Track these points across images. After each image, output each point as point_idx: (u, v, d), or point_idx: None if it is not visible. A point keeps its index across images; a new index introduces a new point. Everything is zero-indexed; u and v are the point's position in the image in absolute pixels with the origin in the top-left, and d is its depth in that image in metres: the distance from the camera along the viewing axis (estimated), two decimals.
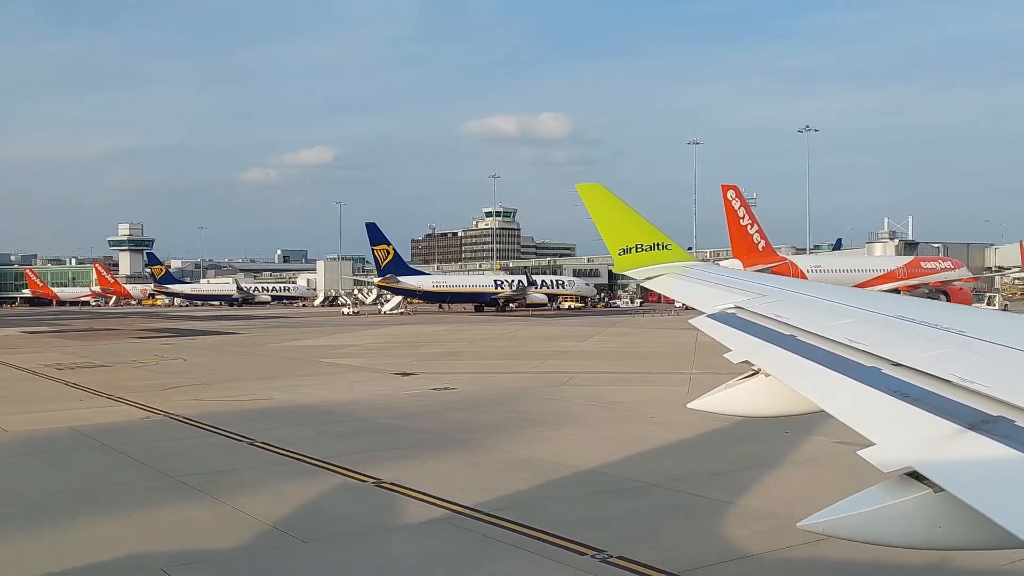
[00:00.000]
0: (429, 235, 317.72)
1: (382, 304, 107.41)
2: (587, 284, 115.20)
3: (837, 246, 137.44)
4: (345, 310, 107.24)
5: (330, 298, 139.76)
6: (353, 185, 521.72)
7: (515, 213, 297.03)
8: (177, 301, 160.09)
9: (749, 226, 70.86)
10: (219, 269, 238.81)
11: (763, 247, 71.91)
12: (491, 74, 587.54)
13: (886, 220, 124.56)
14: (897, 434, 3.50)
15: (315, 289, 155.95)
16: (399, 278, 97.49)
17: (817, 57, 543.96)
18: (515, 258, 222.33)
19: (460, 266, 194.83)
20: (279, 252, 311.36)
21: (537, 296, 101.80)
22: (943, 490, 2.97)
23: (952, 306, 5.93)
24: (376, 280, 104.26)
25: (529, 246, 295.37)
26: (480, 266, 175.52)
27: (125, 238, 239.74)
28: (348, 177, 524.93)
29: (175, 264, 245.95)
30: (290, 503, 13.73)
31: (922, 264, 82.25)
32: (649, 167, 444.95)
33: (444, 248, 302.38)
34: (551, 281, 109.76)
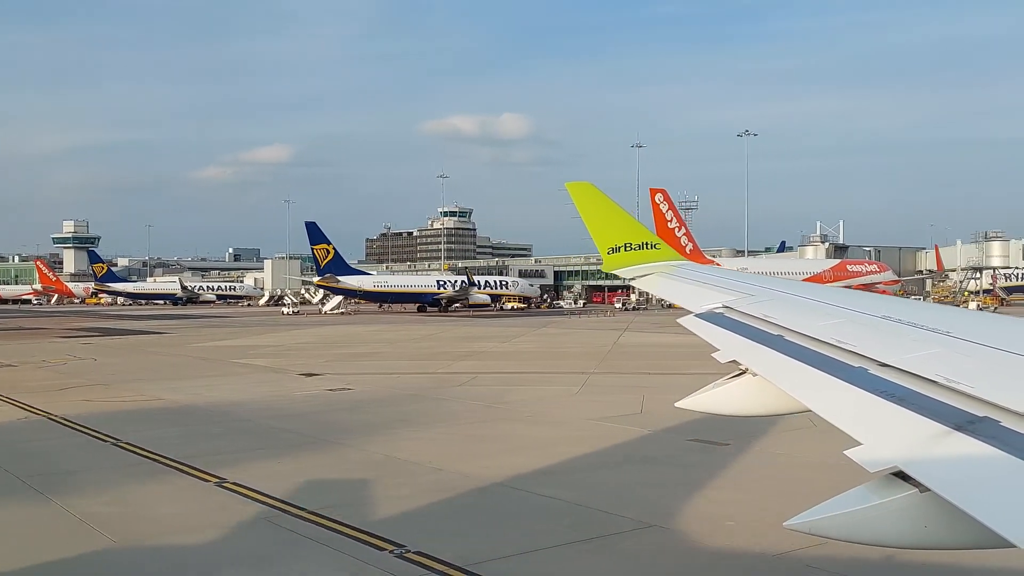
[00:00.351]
0: (384, 235, 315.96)
1: (323, 304, 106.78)
2: (531, 285, 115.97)
3: (781, 248, 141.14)
4: (285, 310, 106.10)
5: (275, 297, 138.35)
6: (311, 183, 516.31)
7: (471, 213, 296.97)
8: (121, 300, 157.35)
9: (677, 228, 74.50)
10: (167, 268, 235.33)
11: (691, 249, 75.30)
12: (451, 73, 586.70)
13: (818, 224, 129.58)
14: (883, 434, 3.52)
15: (263, 288, 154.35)
16: (339, 278, 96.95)
17: (780, 61, 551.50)
18: (470, 258, 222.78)
19: (409, 266, 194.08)
20: (231, 251, 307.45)
21: (480, 297, 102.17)
22: (929, 490, 2.99)
23: (939, 307, 6.08)
24: (315, 280, 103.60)
25: (485, 246, 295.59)
26: (428, 266, 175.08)
27: (70, 235, 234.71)
28: (306, 175, 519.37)
29: (122, 262, 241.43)
30: (122, 503, 13.80)
31: (848, 267, 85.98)
32: (610, 169, 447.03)
33: (399, 248, 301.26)
34: (495, 282, 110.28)
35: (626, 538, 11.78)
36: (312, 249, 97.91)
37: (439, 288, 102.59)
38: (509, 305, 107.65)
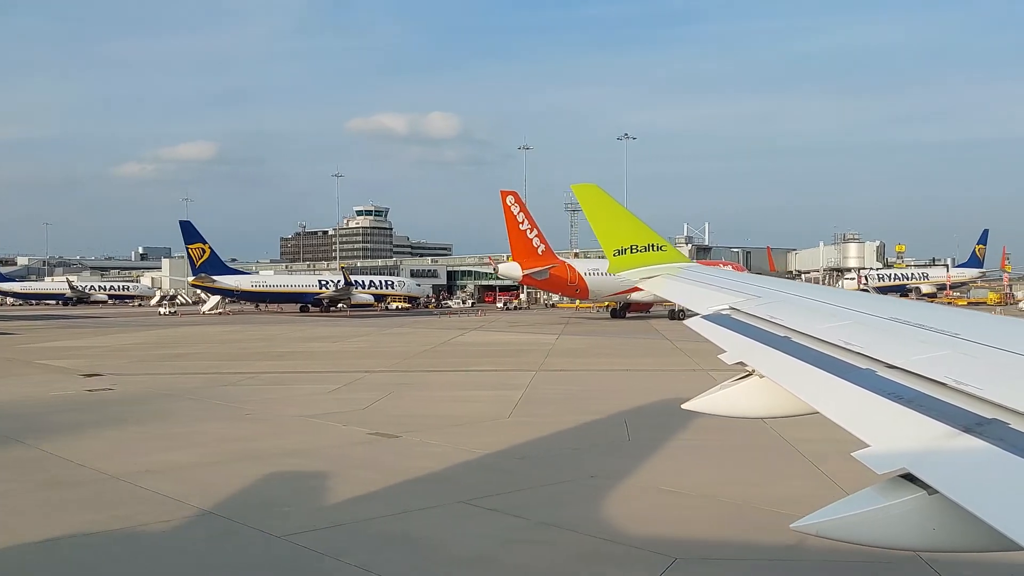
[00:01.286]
0: (299, 233, 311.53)
1: (202, 304, 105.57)
2: (418, 285, 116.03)
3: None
4: (162, 310, 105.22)
5: (169, 297, 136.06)
6: (236, 181, 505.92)
7: (387, 212, 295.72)
8: (11, 301, 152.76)
9: (529, 230, 73.56)
10: (68, 267, 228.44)
11: (543, 251, 75.00)
12: (379, 71, 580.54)
13: (685, 225, 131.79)
14: (891, 436, 3.49)
15: (159, 288, 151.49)
16: (215, 278, 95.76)
17: (708, 63, 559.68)
18: (386, 257, 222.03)
19: (309, 265, 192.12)
20: (138, 249, 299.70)
21: (363, 296, 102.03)
22: (937, 492, 2.97)
23: (947, 309, 5.86)
24: (189, 280, 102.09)
25: (404, 245, 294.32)
26: (328, 265, 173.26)
27: None
28: (231, 173, 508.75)
29: (22, 261, 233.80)
30: None
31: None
32: (539, 169, 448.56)
33: (314, 247, 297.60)
34: (379, 282, 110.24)
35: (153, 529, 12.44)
36: (187, 249, 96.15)
37: (321, 288, 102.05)
38: (394, 305, 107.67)
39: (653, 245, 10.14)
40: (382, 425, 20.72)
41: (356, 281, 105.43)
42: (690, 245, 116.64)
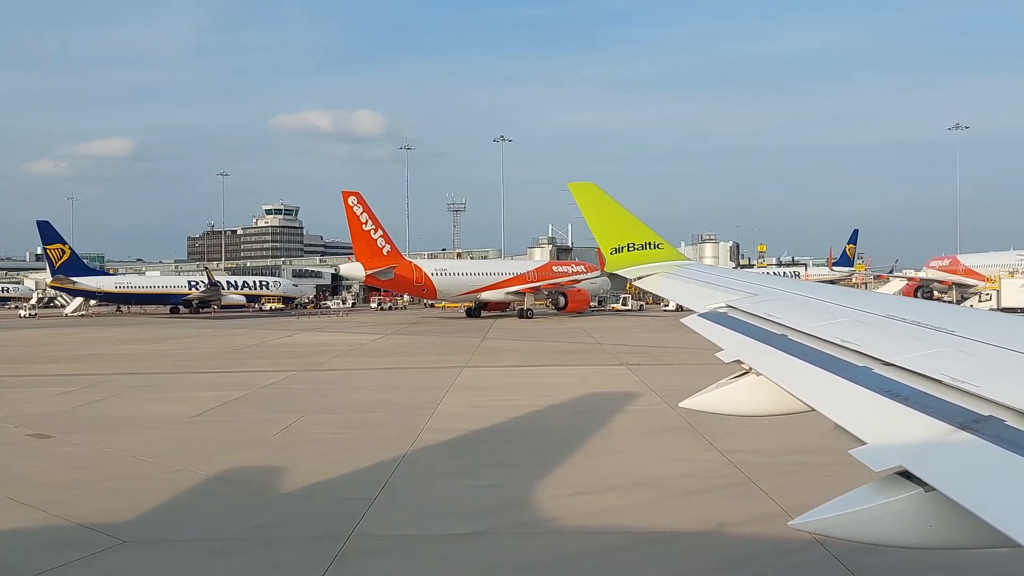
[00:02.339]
0: (208, 232, 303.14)
1: (63, 306, 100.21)
2: (295, 285, 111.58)
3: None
4: (22, 312, 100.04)
5: (46, 299, 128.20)
6: (157, 179, 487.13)
7: (297, 211, 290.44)
8: None
9: (373, 231, 72.71)
10: None
11: (388, 251, 74.01)
12: (304, 68, 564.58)
13: (550, 227, 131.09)
14: (888, 433, 3.48)
15: (42, 290, 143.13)
16: (75, 279, 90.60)
17: (638, 65, 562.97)
18: (296, 256, 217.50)
19: (197, 266, 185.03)
20: (36, 250, 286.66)
21: (234, 297, 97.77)
22: (934, 489, 2.98)
23: (943, 306, 5.62)
24: (48, 281, 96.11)
25: (318, 245, 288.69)
26: (237, 265, 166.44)
27: None
28: (152, 170, 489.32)
29: None
30: None
31: (553, 268, 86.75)
32: (468, 168, 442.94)
33: (223, 246, 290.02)
34: (253, 282, 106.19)
35: None
36: (45, 250, 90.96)
37: (189, 289, 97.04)
38: (268, 306, 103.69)
39: (650, 243, 10.11)
40: (58, 427, 20.49)
41: (228, 282, 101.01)
42: (550, 246, 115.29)
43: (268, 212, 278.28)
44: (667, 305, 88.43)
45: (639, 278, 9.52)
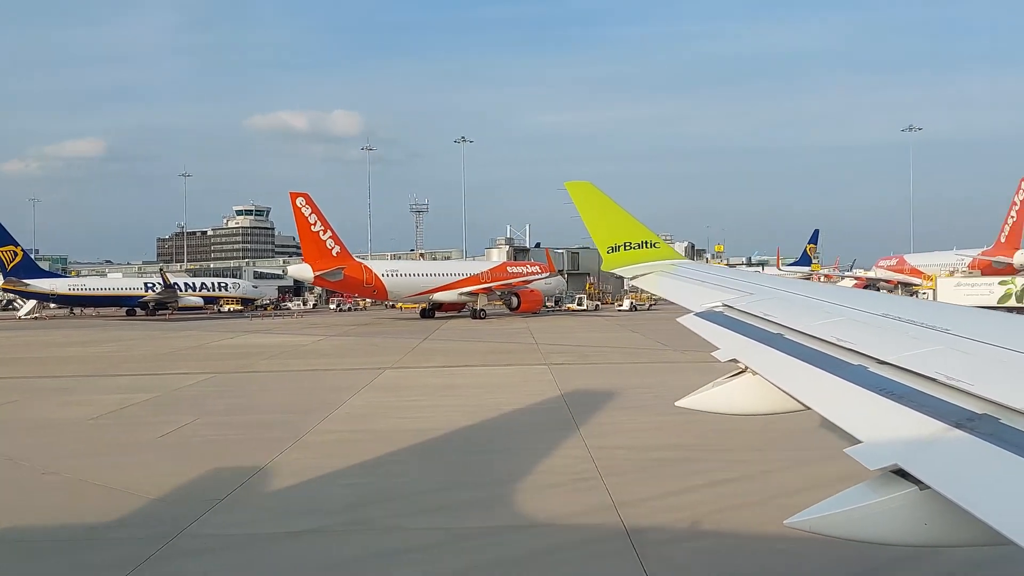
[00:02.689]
0: (178, 234, 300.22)
1: (16, 309, 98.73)
2: (255, 287, 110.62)
3: (536, 247, 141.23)
4: None
5: (4, 302, 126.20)
6: (130, 179, 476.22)
7: (268, 212, 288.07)
8: None
9: (322, 232, 73.24)
10: None
11: (337, 252, 74.67)
12: (280, 67, 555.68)
13: (508, 227, 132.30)
14: (883, 432, 3.50)
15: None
16: (27, 281, 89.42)
17: (612, 66, 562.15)
18: (268, 257, 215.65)
19: (161, 269, 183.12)
20: None
21: (190, 299, 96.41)
22: (929, 487, 2.99)
23: (939, 305, 5.85)
24: (0, 283, 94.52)
25: (290, 246, 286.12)
26: (179, 267, 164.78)
27: None
28: (126, 171, 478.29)
29: None
30: None
31: (508, 268, 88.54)
32: (445, 169, 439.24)
33: (193, 248, 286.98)
34: (212, 283, 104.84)
35: None
36: None
37: (145, 291, 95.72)
38: (227, 308, 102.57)
39: (647, 242, 10.13)
40: None
41: (187, 283, 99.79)
42: (507, 247, 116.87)
43: (238, 213, 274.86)
44: (621, 305, 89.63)
45: (635, 277, 9.54)
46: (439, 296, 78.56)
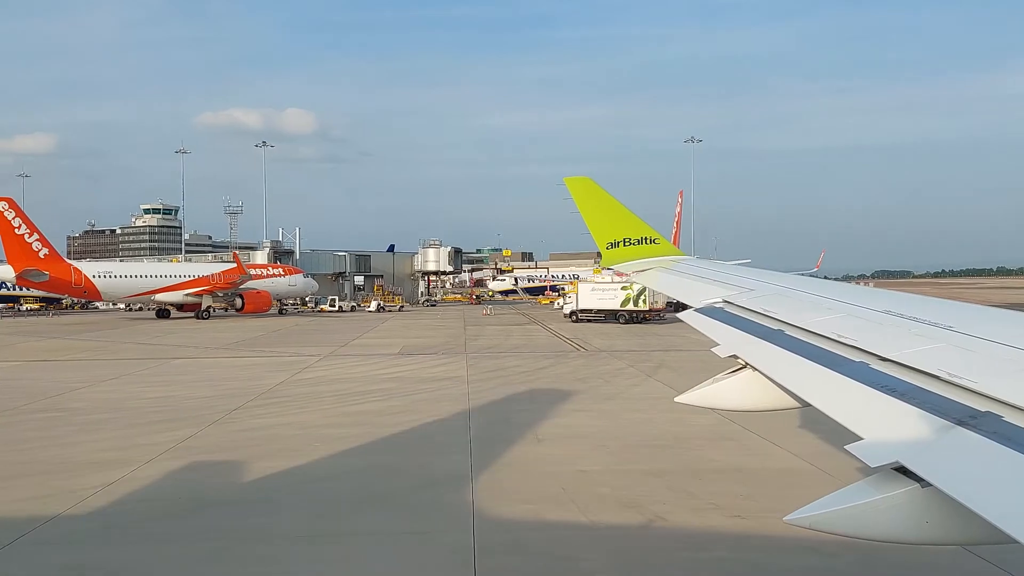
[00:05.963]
0: (88, 231, 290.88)
1: None
2: None
3: (390, 250, 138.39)
4: None
5: None
6: (81, 177, 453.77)
7: (177, 211, 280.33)
8: None
9: (27, 235, 75.52)
10: None
11: (46, 254, 77.14)
12: (232, 65, 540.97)
13: (280, 230, 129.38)
14: (884, 429, 3.41)
15: None
16: None
17: (565, 67, 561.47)
18: (175, 255, 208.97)
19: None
20: None
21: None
22: (930, 485, 2.92)
23: (941, 302, 5.48)
24: None
25: (205, 244, 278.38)
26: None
27: None
28: (75, 168, 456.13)
29: None
30: None
31: (250, 271, 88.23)
32: (396, 167, 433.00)
33: (101, 246, 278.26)
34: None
35: None
36: None
37: None
38: (29, 306, 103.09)
39: (646, 238, 9.95)
40: None
41: None
42: (270, 249, 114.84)
43: (146, 211, 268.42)
44: (368, 306, 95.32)
45: (635, 273, 9.35)
46: (162, 297, 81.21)
